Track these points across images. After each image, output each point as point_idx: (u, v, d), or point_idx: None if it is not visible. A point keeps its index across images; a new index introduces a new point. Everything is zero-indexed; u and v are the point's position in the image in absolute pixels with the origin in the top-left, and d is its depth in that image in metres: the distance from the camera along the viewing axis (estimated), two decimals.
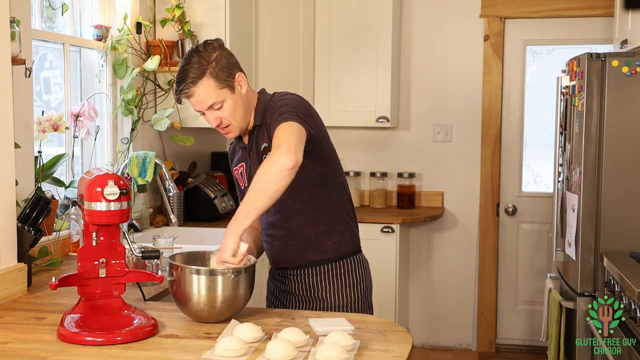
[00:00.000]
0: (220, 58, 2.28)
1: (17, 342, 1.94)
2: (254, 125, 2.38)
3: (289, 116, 2.23)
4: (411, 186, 4.90)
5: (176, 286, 2.06)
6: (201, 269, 2.06)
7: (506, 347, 4.98)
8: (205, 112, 2.30)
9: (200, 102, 2.28)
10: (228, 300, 2.05)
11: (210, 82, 2.25)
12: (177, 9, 3.78)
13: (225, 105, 2.29)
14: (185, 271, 2.05)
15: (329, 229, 2.41)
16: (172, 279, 2.07)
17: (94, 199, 2.01)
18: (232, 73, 2.30)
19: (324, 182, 2.38)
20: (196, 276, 2.04)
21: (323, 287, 2.41)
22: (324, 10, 4.72)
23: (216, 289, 2.03)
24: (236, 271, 2.05)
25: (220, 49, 2.31)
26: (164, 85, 3.90)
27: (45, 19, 3.22)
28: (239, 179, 2.51)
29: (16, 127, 2.51)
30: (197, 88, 2.25)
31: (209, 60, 2.26)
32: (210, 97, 2.27)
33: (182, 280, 2.04)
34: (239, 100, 2.32)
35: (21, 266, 2.42)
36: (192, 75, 2.25)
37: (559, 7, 4.68)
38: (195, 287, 2.03)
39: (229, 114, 2.31)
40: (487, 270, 4.91)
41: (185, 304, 2.07)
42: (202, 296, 2.03)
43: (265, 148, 2.34)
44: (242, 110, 2.34)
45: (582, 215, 3.33)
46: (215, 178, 4.32)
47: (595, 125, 3.30)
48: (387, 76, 4.67)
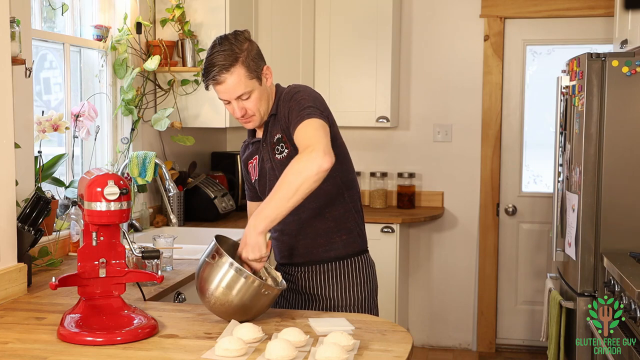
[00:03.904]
0: (251, 49, 2.28)
1: (17, 342, 1.94)
2: (269, 116, 2.37)
3: (312, 112, 2.22)
4: (411, 186, 4.90)
5: (209, 270, 2.01)
6: (245, 272, 2.00)
7: (506, 347, 4.98)
8: (232, 101, 2.29)
9: (229, 90, 2.26)
10: (245, 307, 2.02)
11: (242, 70, 2.24)
12: (177, 9, 3.78)
13: (253, 96, 2.29)
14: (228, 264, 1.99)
15: (338, 226, 2.41)
16: (212, 261, 2.01)
17: (94, 199, 2.01)
18: (260, 65, 2.30)
19: (337, 179, 2.37)
20: (235, 274, 1.98)
21: (331, 286, 2.40)
22: (324, 10, 4.72)
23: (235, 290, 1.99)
24: (268, 289, 2.02)
25: (250, 40, 2.30)
26: (164, 85, 3.90)
27: (45, 19, 3.22)
28: (251, 172, 2.48)
29: (16, 127, 2.51)
30: (229, 75, 2.23)
31: (241, 49, 2.25)
32: (241, 87, 2.25)
33: (220, 269, 1.99)
34: (265, 92, 2.32)
35: (21, 266, 2.42)
36: (224, 62, 2.22)
37: (559, 7, 4.68)
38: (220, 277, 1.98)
39: (254, 105, 2.30)
40: (487, 270, 4.91)
41: (204, 289, 2.01)
42: (224, 291, 1.98)
43: (279, 139, 2.33)
44: (266, 103, 2.34)
45: (582, 215, 3.33)
46: (215, 178, 4.32)
47: (595, 125, 3.30)
48: (387, 76, 4.67)
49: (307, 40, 4.71)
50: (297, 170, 2.09)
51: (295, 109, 2.25)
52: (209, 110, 3.91)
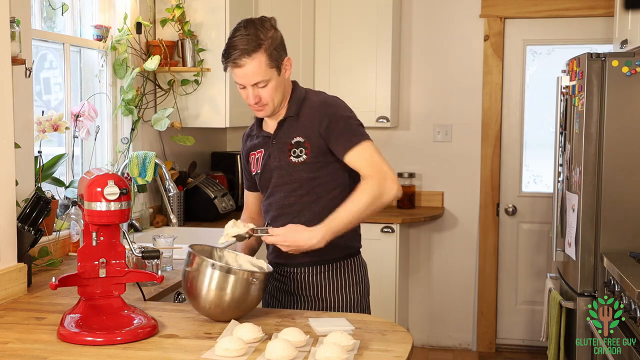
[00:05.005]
0: (275, 37, 2.28)
1: (17, 342, 1.94)
2: (286, 116, 2.37)
3: (362, 133, 2.32)
4: (411, 186, 4.90)
5: (192, 277, 2.04)
6: (222, 265, 2.04)
7: (506, 347, 4.98)
8: (248, 87, 2.28)
9: (247, 75, 2.25)
10: (238, 301, 2.04)
11: (263, 58, 2.24)
12: (177, 9, 3.78)
13: (270, 85, 2.28)
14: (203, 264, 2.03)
15: None
16: (189, 269, 2.05)
17: (94, 199, 2.01)
18: (282, 55, 2.30)
19: (344, 187, 2.38)
20: (217, 272, 2.02)
21: (324, 287, 2.40)
22: (324, 10, 4.72)
23: (233, 288, 2.02)
24: (256, 276, 2.04)
25: (275, 28, 2.30)
26: (164, 85, 3.90)
27: (45, 19, 3.22)
28: (253, 163, 2.47)
29: (16, 127, 2.51)
30: (249, 60, 2.22)
31: (266, 36, 2.24)
32: (259, 74, 2.25)
33: (200, 273, 2.02)
34: (282, 83, 2.32)
35: (21, 266, 2.42)
36: (246, 46, 2.21)
37: (559, 7, 4.68)
38: (212, 282, 2.01)
39: (269, 95, 2.29)
40: (487, 270, 4.91)
41: (196, 297, 2.04)
42: (213, 292, 2.01)
43: (299, 143, 2.32)
44: (281, 94, 2.33)
45: (582, 215, 3.33)
46: (215, 178, 4.32)
47: (595, 125, 3.30)
48: (387, 76, 4.67)
49: (307, 41, 4.71)
50: (368, 194, 2.25)
51: (345, 129, 2.30)
52: (209, 110, 3.91)
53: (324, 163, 2.34)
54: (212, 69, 3.88)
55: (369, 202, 2.25)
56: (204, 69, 3.86)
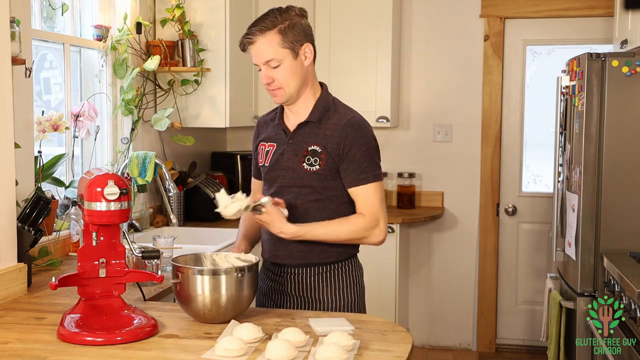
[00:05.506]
0: (297, 23, 2.29)
1: (17, 342, 1.94)
2: (307, 120, 2.36)
3: (378, 171, 2.36)
4: (411, 186, 4.90)
5: (180, 288, 2.06)
6: (205, 269, 2.06)
7: (506, 347, 4.98)
8: (262, 66, 2.30)
9: (258, 53, 2.27)
10: (233, 300, 2.05)
11: (276, 36, 2.26)
12: (177, 9, 3.78)
13: (282, 66, 2.28)
14: (189, 272, 2.05)
15: None
16: (176, 281, 2.07)
17: (94, 199, 2.01)
18: (300, 39, 2.30)
19: (347, 201, 2.38)
20: (200, 277, 2.03)
21: (321, 288, 2.39)
22: (324, 10, 4.72)
23: (221, 288, 2.03)
24: (240, 270, 2.05)
25: (301, 17, 2.31)
26: (164, 85, 3.91)
27: (45, 19, 3.22)
28: (261, 154, 2.46)
29: (16, 127, 2.51)
30: (262, 37, 2.25)
31: (284, 18, 2.27)
32: (270, 52, 2.26)
33: (186, 281, 2.04)
34: (299, 68, 2.32)
35: (21, 266, 2.42)
36: (262, 25, 2.26)
37: (559, 7, 4.68)
38: (200, 287, 2.03)
39: (283, 77, 2.29)
40: (487, 270, 4.91)
41: (190, 305, 2.06)
42: (206, 296, 2.03)
43: (315, 152, 2.32)
44: (298, 81, 2.33)
45: (582, 215, 3.33)
46: (215, 178, 4.32)
47: (595, 125, 3.30)
48: (387, 76, 4.67)
49: None
50: (359, 234, 2.33)
51: (361, 160, 2.31)
52: (209, 110, 3.91)
53: (337, 177, 2.34)
54: (212, 69, 3.89)
55: (350, 236, 2.33)
56: (204, 69, 3.86)
